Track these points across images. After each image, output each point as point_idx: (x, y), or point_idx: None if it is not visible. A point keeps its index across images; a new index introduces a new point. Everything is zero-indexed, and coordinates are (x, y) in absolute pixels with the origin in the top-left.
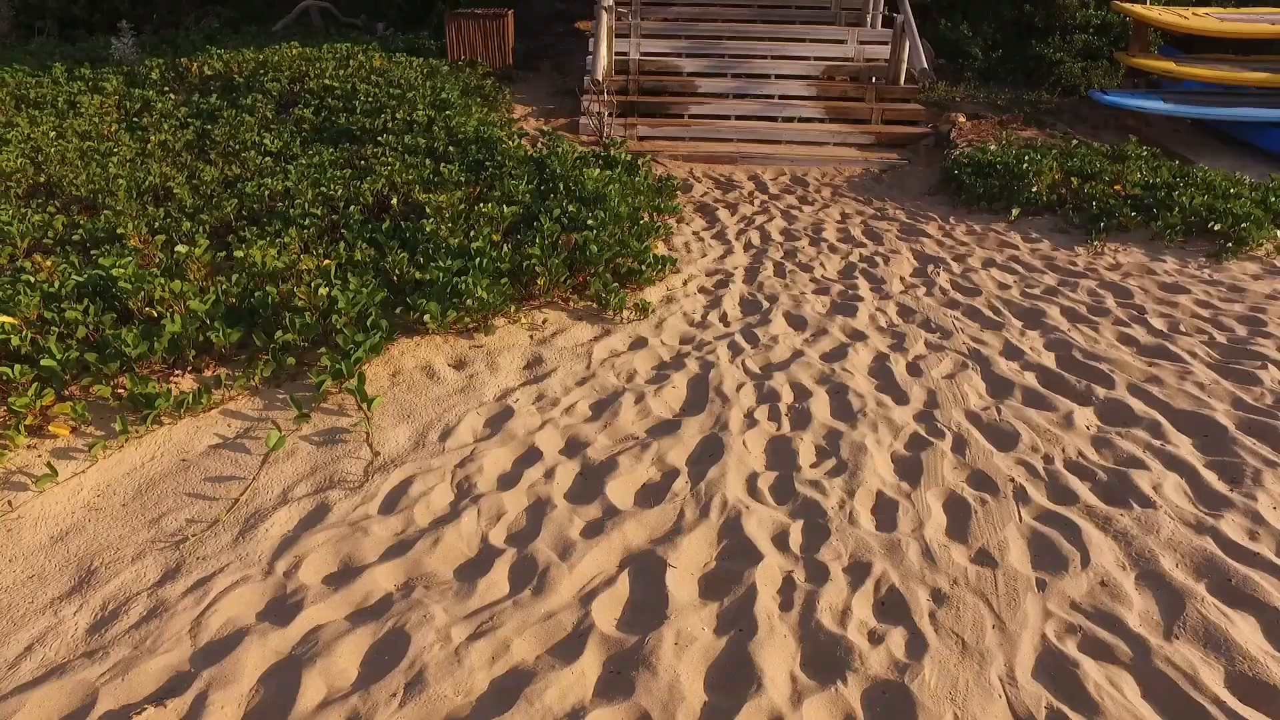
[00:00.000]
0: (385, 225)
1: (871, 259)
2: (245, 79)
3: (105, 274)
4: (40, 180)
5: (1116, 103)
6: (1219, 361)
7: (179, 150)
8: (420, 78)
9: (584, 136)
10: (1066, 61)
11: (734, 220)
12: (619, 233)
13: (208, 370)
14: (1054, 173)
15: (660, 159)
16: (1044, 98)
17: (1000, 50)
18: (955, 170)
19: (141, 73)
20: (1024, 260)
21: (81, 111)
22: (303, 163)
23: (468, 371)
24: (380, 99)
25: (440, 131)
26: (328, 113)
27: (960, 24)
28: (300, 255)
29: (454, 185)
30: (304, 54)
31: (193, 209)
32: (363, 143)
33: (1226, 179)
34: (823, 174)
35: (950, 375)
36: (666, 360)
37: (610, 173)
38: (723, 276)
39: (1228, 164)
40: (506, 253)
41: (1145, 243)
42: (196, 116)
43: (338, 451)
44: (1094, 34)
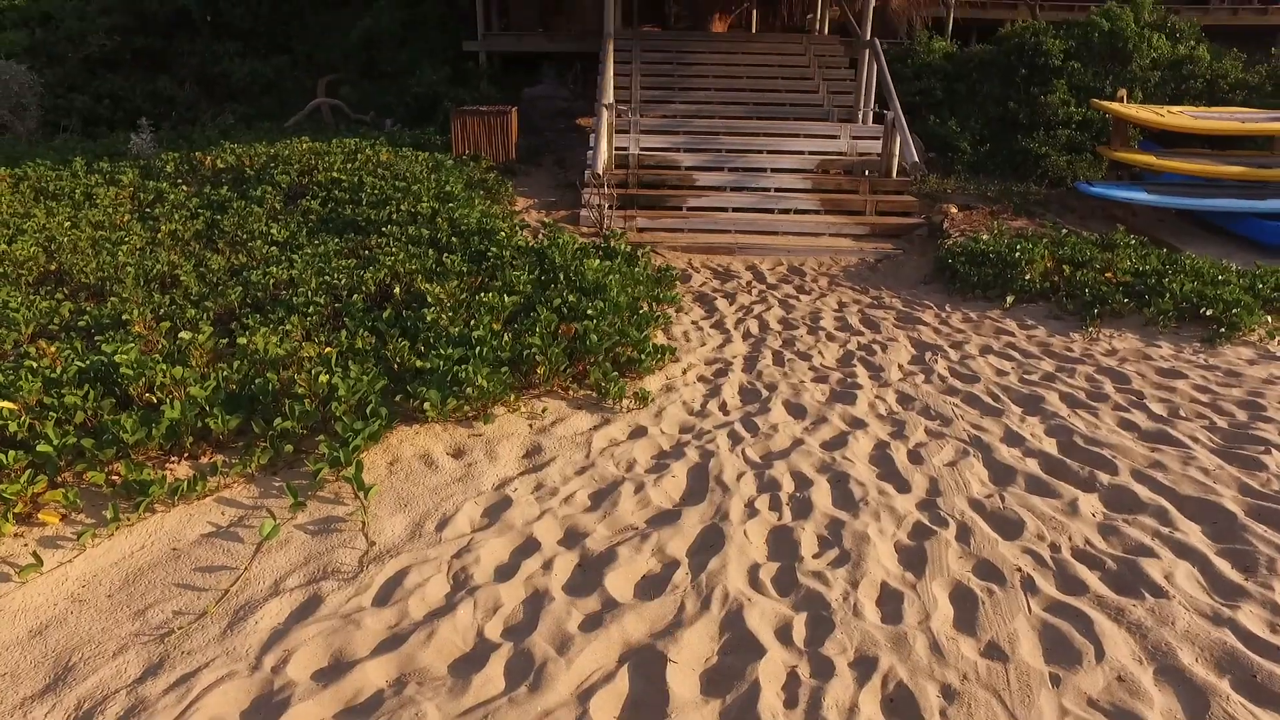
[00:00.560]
0: (387, 314)
1: (869, 347)
2: (256, 172)
3: (108, 360)
4: (51, 268)
5: (1102, 194)
6: (1222, 446)
7: (188, 239)
8: (425, 171)
9: (584, 228)
10: (1052, 155)
11: (732, 309)
12: (619, 322)
13: (204, 457)
14: (1046, 261)
15: (659, 250)
16: (1032, 189)
17: (988, 145)
18: (949, 259)
19: (157, 166)
20: (1021, 347)
21: (97, 202)
22: (308, 252)
23: (466, 460)
24: (386, 191)
25: (443, 223)
26: (334, 204)
27: (948, 120)
28: (302, 342)
29: (456, 275)
30: (313, 148)
31: (198, 296)
32: (367, 233)
33: (1214, 266)
34: (819, 264)
35: (952, 463)
36: (666, 449)
37: (610, 263)
38: (722, 365)
39: (1214, 252)
40: (507, 342)
41: (1139, 328)
42: (207, 207)
43: (333, 541)
44: (1076, 129)
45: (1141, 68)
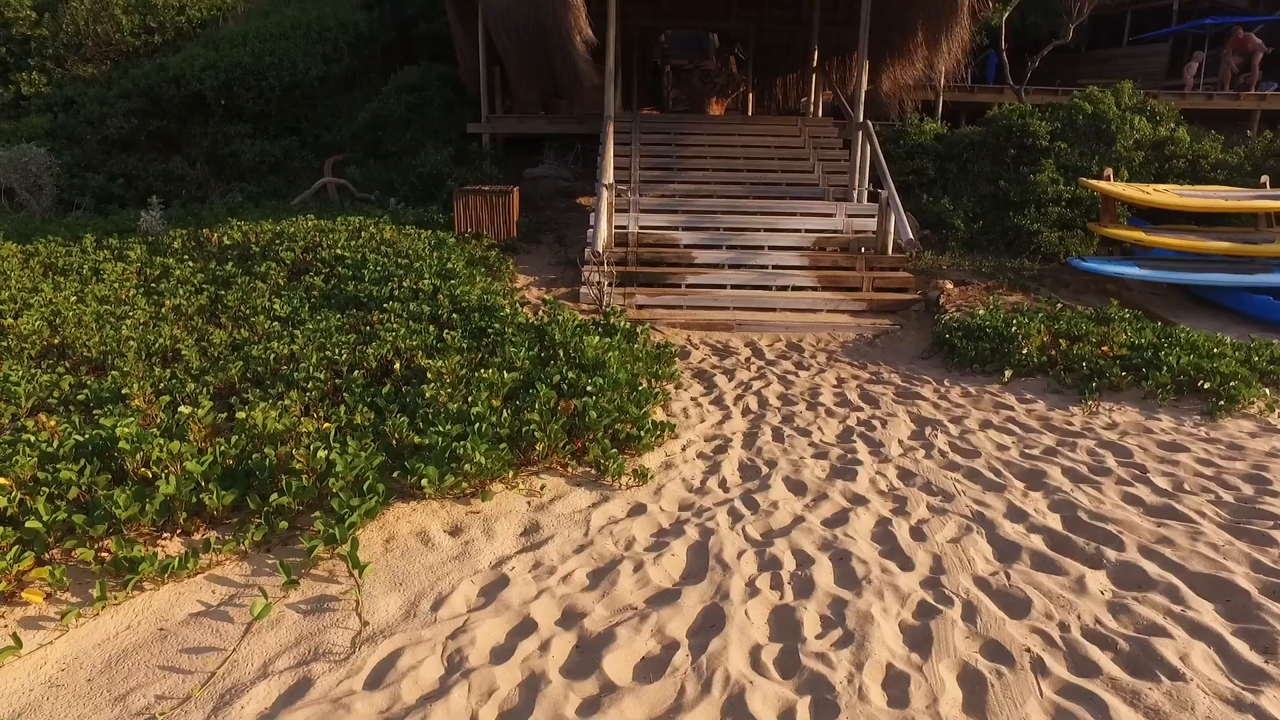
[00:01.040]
0: (386, 389)
1: (869, 422)
2: (261, 248)
3: (106, 434)
4: (55, 341)
5: (1095, 269)
6: (1230, 522)
7: (191, 314)
8: (428, 248)
9: (584, 305)
10: (1044, 231)
11: (731, 386)
12: (618, 399)
13: (197, 533)
14: (1042, 335)
15: (659, 327)
16: (1026, 265)
17: (981, 221)
18: (947, 334)
19: (165, 242)
20: (1020, 421)
21: (104, 278)
22: (310, 327)
23: (463, 538)
24: (388, 268)
25: (445, 299)
26: (337, 280)
27: (941, 198)
28: (301, 418)
29: (456, 351)
30: (318, 225)
31: (199, 371)
32: (369, 309)
33: (1209, 339)
34: (817, 340)
35: (955, 539)
36: (666, 527)
37: (610, 340)
38: (721, 442)
39: (1207, 325)
40: (506, 418)
41: (1138, 401)
42: (212, 283)
43: (325, 621)
44: (1066, 206)
45: (1125, 148)
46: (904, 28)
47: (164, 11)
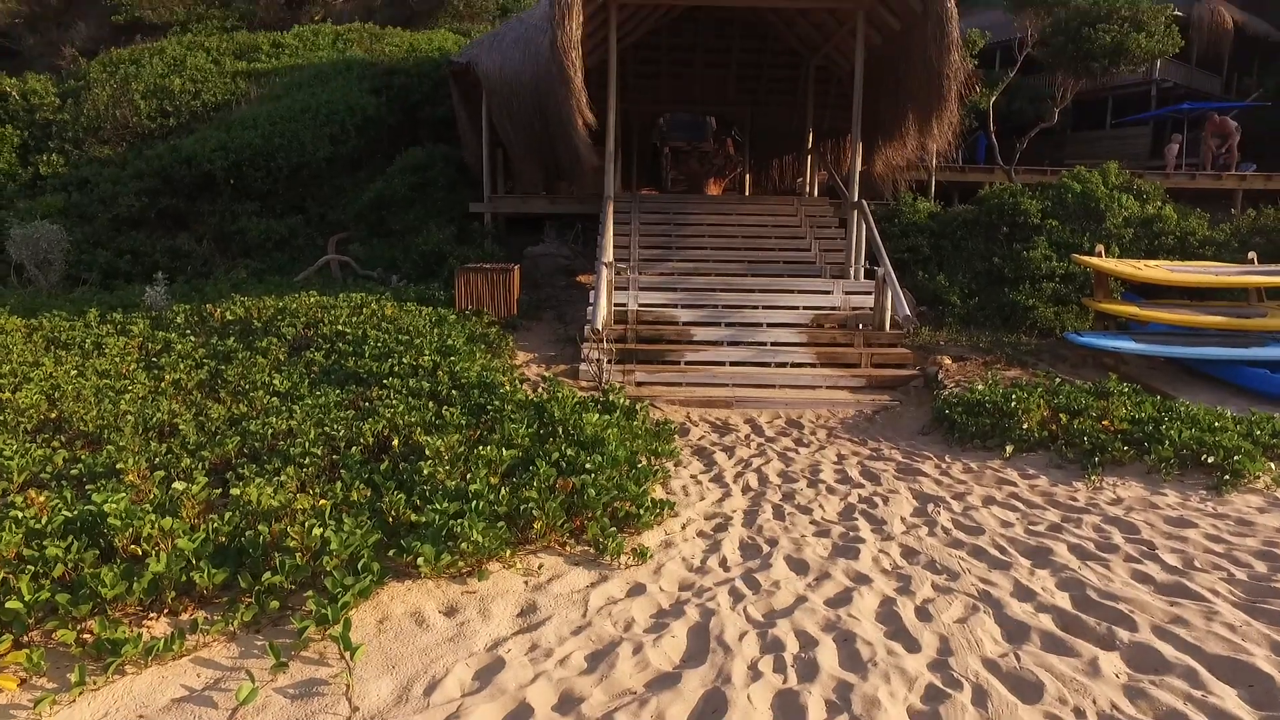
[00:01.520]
0: (384, 466)
1: (871, 500)
2: (263, 324)
3: (96, 510)
4: (52, 415)
5: (1091, 344)
6: (1245, 601)
7: (191, 389)
8: (428, 325)
9: (584, 382)
10: (1039, 307)
11: (731, 463)
12: (617, 476)
13: (185, 613)
14: (1042, 410)
15: (658, 404)
16: (1023, 340)
17: (976, 298)
18: (946, 410)
19: (168, 317)
20: (1024, 497)
21: (105, 352)
22: (308, 403)
23: (459, 619)
24: (389, 344)
25: (444, 376)
26: (338, 356)
27: (937, 275)
28: (297, 494)
29: (455, 428)
30: (320, 301)
31: (195, 446)
32: (369, 385)
33: (1210, 413)
34: (817, 416)
35: (962, 619)
36: (665, 608)
37: (609, 417)
38: (721, 520)
39: (1206, 398)
40: (504, 496)
41: (1142, 476)
42: (212, 357)
43: (314, 706)
44: (1060, 282)
45: (1115, 225)
46: (895, 111)
47: (180, 96)
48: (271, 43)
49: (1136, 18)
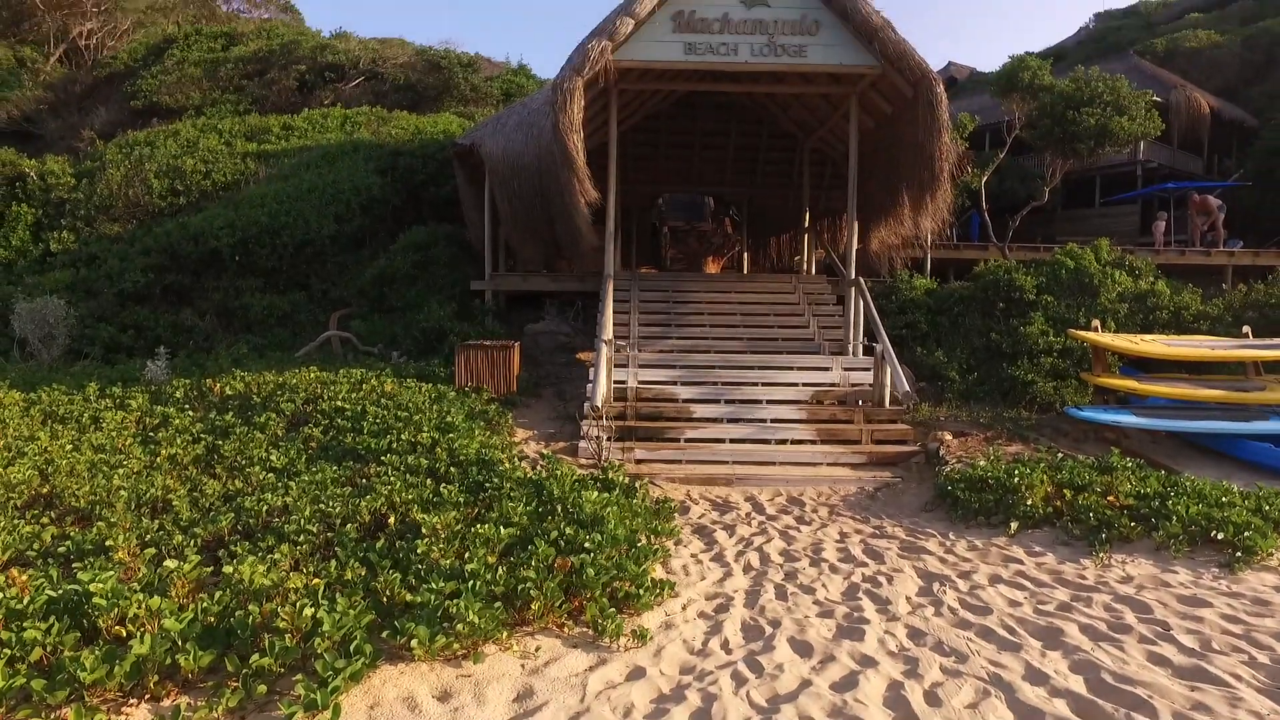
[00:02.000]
0: (379, 544)
1: (875, 579)
2: (263, 399)
3: (82, 589)
4: (44, 491)
5: (1092, 418)
6: (1270, 686)
7: (187, 464)
8: (427, 402)
9: (583, 460)
10: (1038, 382)
11: (732, 542)
12: (616, 555)
13: (168, 698)
14: (1046, 485)
15: (657, 482)
16: (1023, 415)
17: (975, 373)
18: (949, 486)
19: (168, 392)
20: (1031, 575)
21: (103, 426)
22: (305, 479)
23: (453, 704)
24: (388, 420)
25: (443, 453)
26: (336, 432)
27: (935, 350)
28: (290, 573)
29: (452, 505)
30: (320, 377)
31: (188, 522)
32: (367, 461)
33: (1216, 488)
34: (818, 494)
35: (973, 704)
36: (666, 692)
37: (608, 495)
38: (723, 601)
39: (1210, 472)
40: (501, 575)
41: (1151, 552)
42: (210, 432)
43: None
44: (1058, 357)
45: (1109, 300)
46: (890, 191)
47: (192, 176)
48: (282, 125)
49: (1118, 102)
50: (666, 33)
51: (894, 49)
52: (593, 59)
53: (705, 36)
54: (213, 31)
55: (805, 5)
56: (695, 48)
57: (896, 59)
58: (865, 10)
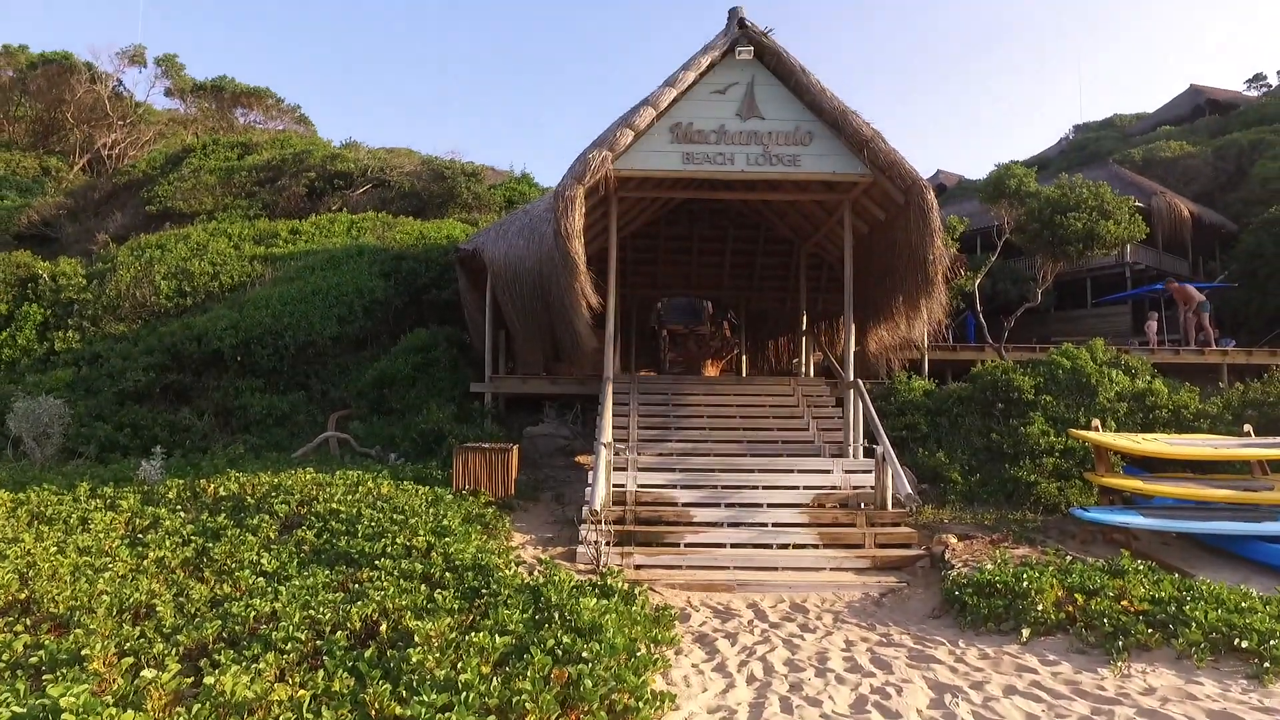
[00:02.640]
0: (370, 653)
1: (883, 690)
2: (256, 500)
3: (50, 704)
4: (21, 596)
5: (1099, 519)
6: None
7: (175, 567)
8: (424, 505)
9: (581, 565)
10: (1041, 483)
11: (734, 651)
12: (615, 665)
13: None
14: (1056, 590)
15: (657, 588)
16: (1028, 516)
17: (977, 474)
18: (956, 591)
19: (160, 492)
20: (1047, 686)
21: (90, 527)
22: (295, 584)
23: None
24: (383, 524)
25: (438, 557)
26: (330, 535)
27: (936, 452)
28: (275, 683)
29: (447, 612)
30: (316, 479)
31: (171, 629)
32: (360, 566)
33: (1234, 593)
34: (822, 600)
35: None
36: None
37: (607, 602)
38: (725, 713)
39: (1228, 576)
40: (496, 687)
41: (1172, 661)
42: (201, 534)
43: None
44: (1060, 457)
45: (1108, 399)
46: (885, 294)
47: (199, 278)
48: (290, 230)
49: (1102, 207)
50: (665, 143)
51: (885, 158)
52: (593, 168)
53: (702, 147)
54: (230, 141)
55: (798, 117)
56: (693, 157)
57: (887, 167)
58: (856, 122)
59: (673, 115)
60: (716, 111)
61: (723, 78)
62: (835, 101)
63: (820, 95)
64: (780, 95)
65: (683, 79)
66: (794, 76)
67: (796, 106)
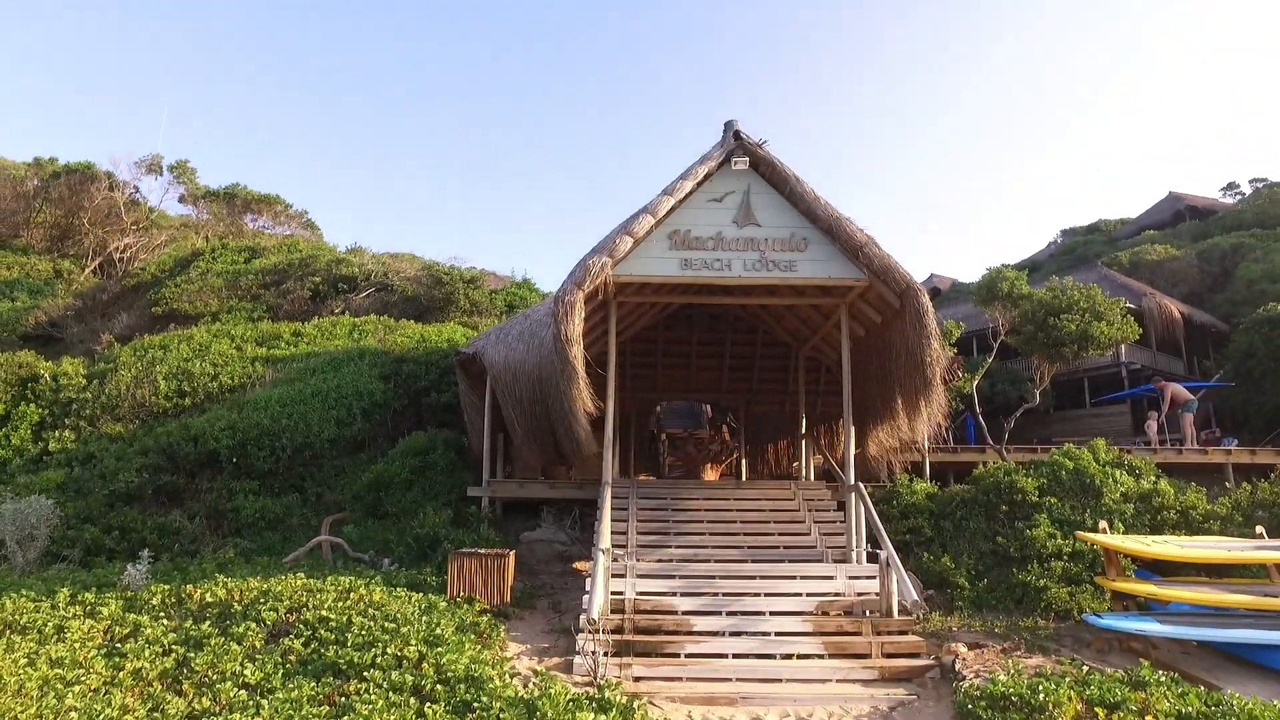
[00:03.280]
0: None
1: None
2: (244, 607)
3: None
4: None
5: (1114, 626)
6: None
7: (152, 679)
8: (417, 613)
9: (578, 677)
10: (1051, 588)
11: None
12: None
13: None
14: (1075, 703)
15: (657, 701)
16: (1040, 623)
17: (985, 579)
18: (969, 705)
19: (144, 598)
20: None
21: (66, 637)
22: (279, 697)
23: None
24: (373, 632)
25: (430, 668)
26: (318, 644)
27: (941, 556)
28: None
29: None
30: (307, 585)
31: None
32: (348, 677)
33: (1268, 708)
34: (829, 714)
35: None
36: None
37: (604, 717)
38: None
39: (1257, 689)
40: None
41: None
42: (184, 643)
43: None
44: (1069, 560)
45: (1114, 500)
46: (884, 396)
47: (200, 378)
48: (293, 332)
49: (1095, 309)
50: (664, 249)
51: (879, 263)
52: (593, 273)
53: (700, 253)
54: (238, 245)
55: (794, 224)
56: (691, 263)
57: (882, 272)
58: (850, 229)
59: (671, 222)
60: (714, 219)
61: (719, 186)
62: (829, 209)
63: (814, 203)
64: (776, 203)
65: (680, 187)
66: (788, 185)
67: (792, 214)
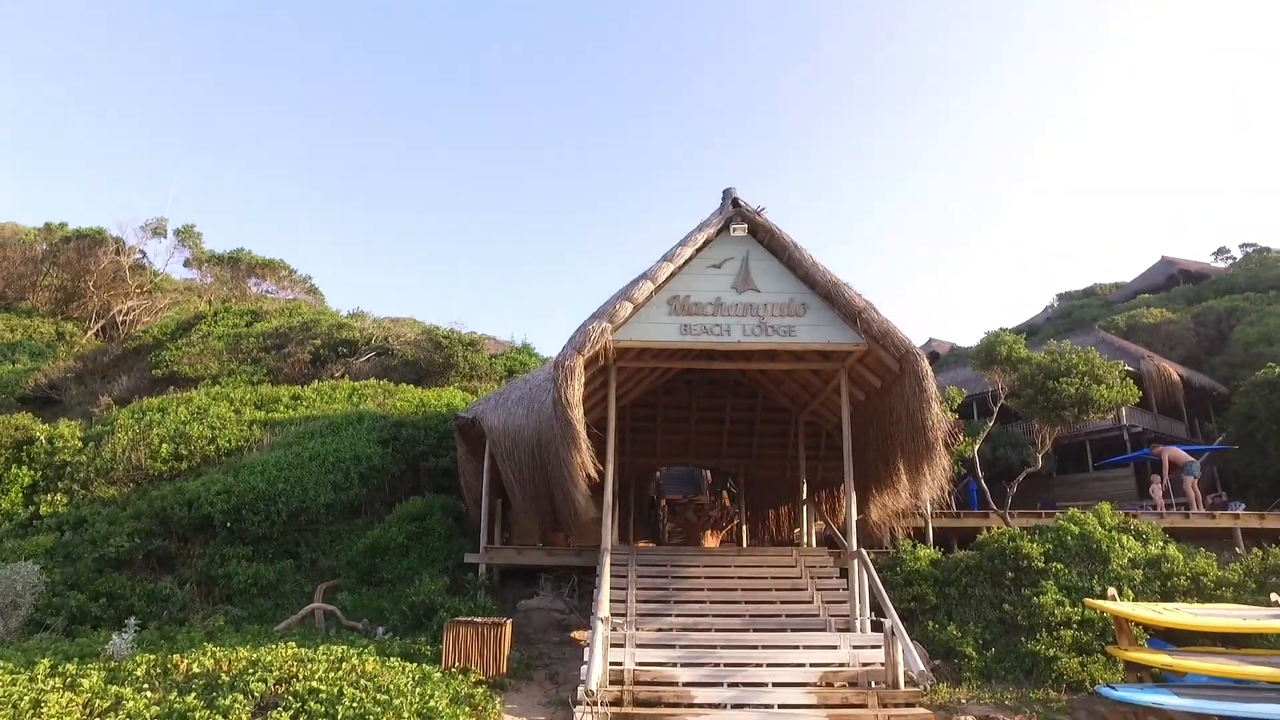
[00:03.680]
0: None
1: None
2: (231, 678)
3: None
4: None
5: (1130, 700)
6: None
7: None
8: (410, 684)
9: None
10: (1062, 657)
11: None
12: None
13: None
14: None
15: None
16: (1052, 695)
17: (993, 648)
18: None
19: (128, 669)
20: None
21: (42, 712)
22: None
23: None
24: (365, 704)
25: None
26: (308, 717)
27: (947, 624)
28: None
29: None
30: (298, 654)
31: None
32: None
33: None
34: None
35: None
36: None
37: None
38: None
39: None
40: None
41: None
42: (166, 717)
43: None
44: (1079, 629)
45: (1122, 566)
46: (885, 461)
47: (197, 442)
48: (292, 395)
49: (1094, 372)
50: (663, 315)
51: (877, 328)
52: (593, 339)
53: (699, 318)
54: (240, 309)
55: (793, 290)
56: (690, 329)
57: (881, 336)
58: (848, 294)
59: (670, 288)
60: (713, 284)
61: (718, 253)
62: (828, 275)
63: (813, 269)
64: (774, 269)
65: (680, 254)
66: (787, 252)
67: (790, 279)
